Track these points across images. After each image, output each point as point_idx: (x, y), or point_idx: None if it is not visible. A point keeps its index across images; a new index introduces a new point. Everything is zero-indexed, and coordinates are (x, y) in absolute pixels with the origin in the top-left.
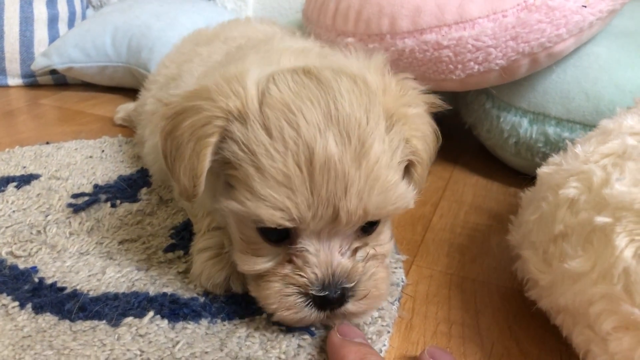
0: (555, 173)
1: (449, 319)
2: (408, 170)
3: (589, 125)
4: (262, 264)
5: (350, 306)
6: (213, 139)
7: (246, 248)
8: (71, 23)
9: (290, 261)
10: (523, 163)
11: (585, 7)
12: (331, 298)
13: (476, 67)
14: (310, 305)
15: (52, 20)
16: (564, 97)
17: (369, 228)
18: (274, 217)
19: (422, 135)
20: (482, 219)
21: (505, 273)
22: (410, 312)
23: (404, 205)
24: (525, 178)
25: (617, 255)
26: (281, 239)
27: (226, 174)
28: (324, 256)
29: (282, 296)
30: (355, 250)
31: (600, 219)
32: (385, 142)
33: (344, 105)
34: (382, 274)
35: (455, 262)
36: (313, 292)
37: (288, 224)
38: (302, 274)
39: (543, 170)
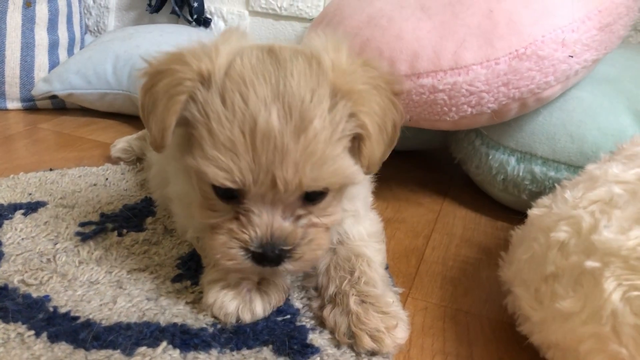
0: (546, 216)
1: (444, 351)
2: (359, 145)
3: (573, 166)
4: (214, 218)
5: (288, 266)
6: (182, 97)
7: (204, 203)
8: (70, 49)
9: (237, 219)
10: (510, 199)
11: (572, 57)
12: (268, 256)
13: (469, 110)
14: (250, 259)
15: (53, 46)
16: (550, 138)
17: (315, 198)
18: (218, 177)
19: (370, 110)
20: (472, 252)
21: (495, 306)
22: (408, 343)
23: (342, 179)
24: (512, 214)
25: (605, 298)
26: (231, 197)
27: (189, 133)
28: (265, 218)
29: (226, 248)
30: (299, 217)
31: (590, 264)
32: (326, 119)
33: (292, 84)
34: (321, 240)
35: (449, 295)
36: (252, 249)
37: (230, 185)
38: (244, 230)
39: (534, 212)
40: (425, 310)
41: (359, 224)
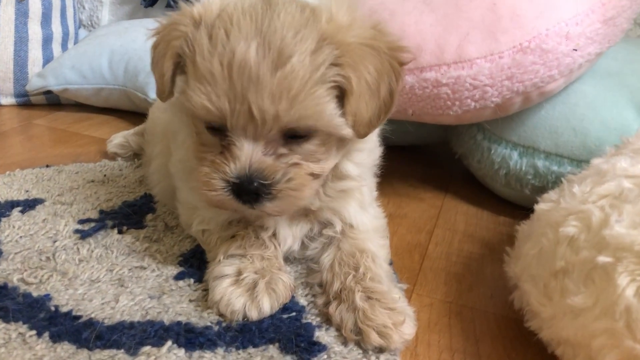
0: (554, 210)
1: (451, 347)
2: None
3: (576, 160)
4: (204, 152)
5: (268, 204)
6: (176, 42)
7: (197, 139)
8: (64, 43)
9: (222, 153)
10: (512, 193)
11: (575, 50)
12: (246, 188)
13: (473, 104)
14: (230, 192)
15: (46, 41)
16: (552, 132)
17: (299, 137)
18: (200, 100)
19: (358, 66)
20: (475, 247)
21: (501, 301)
22: (414, 340)
23: (319, 120)
24: (515, 208)
25: (619, 294)
26: (218, 130)
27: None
28: (246, 150)
29: (208, 178)
30: (281, 156)
31: (602, 259)
32: (307, 59)
33: (276, 23)
34: (302, 180)
35: (453, 291)
36: (231, 180)
37: (210, 107)
38: (226, 162)
39: (541, 207)
40: (431, 306)
41: (363, 212)
